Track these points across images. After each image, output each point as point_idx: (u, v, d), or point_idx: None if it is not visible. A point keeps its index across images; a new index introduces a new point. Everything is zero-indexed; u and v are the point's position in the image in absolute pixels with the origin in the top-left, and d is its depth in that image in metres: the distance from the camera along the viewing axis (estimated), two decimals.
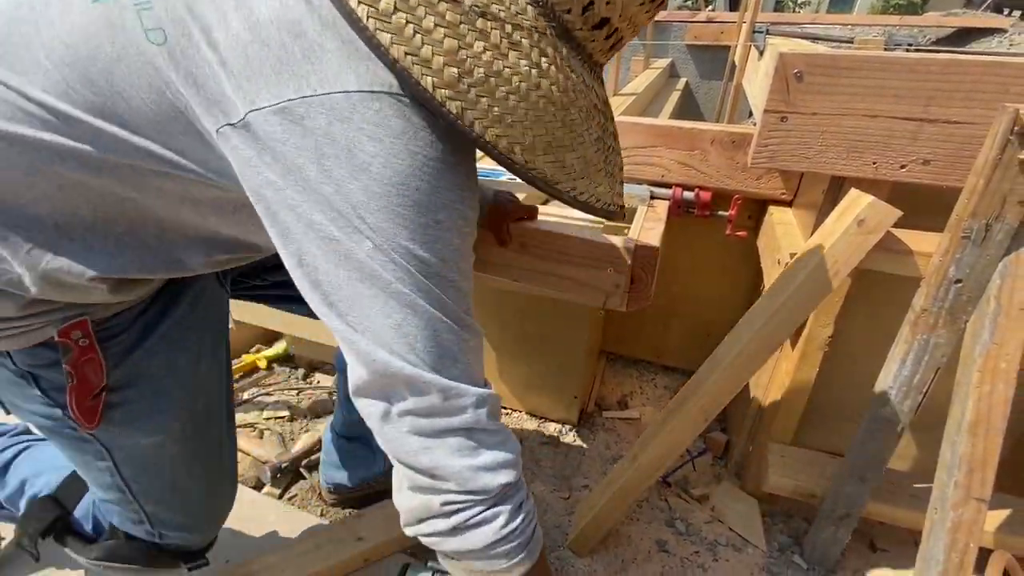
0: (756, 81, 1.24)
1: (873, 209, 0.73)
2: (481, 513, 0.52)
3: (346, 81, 0.44)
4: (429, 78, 0.42)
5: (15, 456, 0.86)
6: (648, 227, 1.11)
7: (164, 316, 0.70)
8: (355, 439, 1.13)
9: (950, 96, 0.72)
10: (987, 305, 0.71)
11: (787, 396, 1.08)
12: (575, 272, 1.04)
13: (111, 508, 0.79)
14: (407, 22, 0.42)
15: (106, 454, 0.71)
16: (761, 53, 1.27)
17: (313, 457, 1.30)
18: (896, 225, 0.83)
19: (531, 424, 1.46)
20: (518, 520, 0.54)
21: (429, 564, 0.87)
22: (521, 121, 0.46)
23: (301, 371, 1.65)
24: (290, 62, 0.44)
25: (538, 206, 1.33)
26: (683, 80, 2.99)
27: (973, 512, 0.70)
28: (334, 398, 1.52)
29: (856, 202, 0.76)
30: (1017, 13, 4.03)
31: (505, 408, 1.50)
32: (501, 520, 0.52)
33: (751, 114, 2.12)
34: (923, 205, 0.84)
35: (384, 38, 0.42)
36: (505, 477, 0.52)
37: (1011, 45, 2.69)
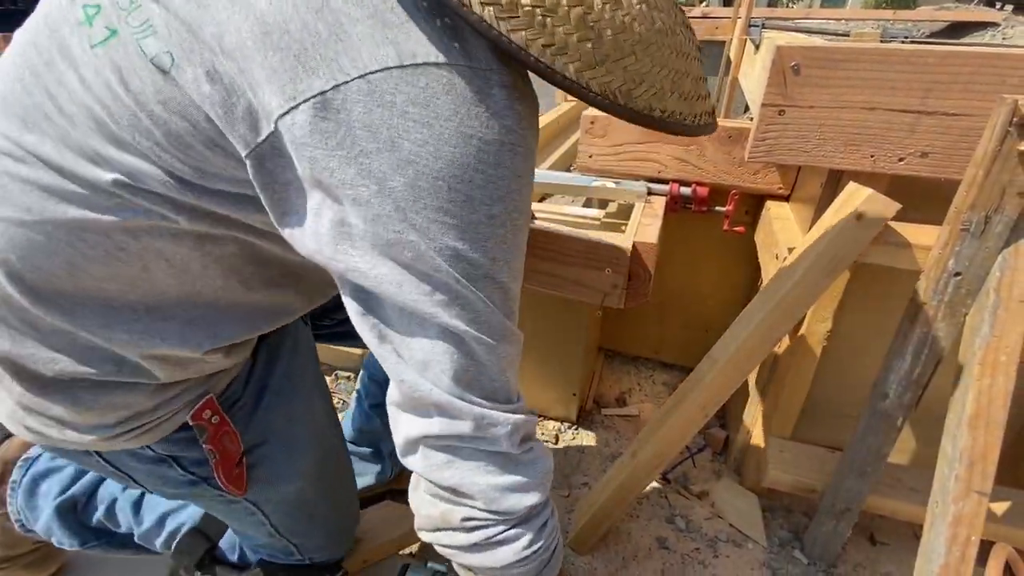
0: (752, 75, 1.24)
1: (872, 202, 0.73)
2: (504, 532, 0.50)
3: (385, 56, 0.38)
4: (571, 64, 0.38)
5: (144, 492, 0.84)
6: (645, 224, 1.10)
7: (271, 372, 0.70)
8: (365, 446, 1.13)
9: (948, 88, 0.71)
10: (987, 298, 0.70)
11: (786, 391, 1.07)
12: (573, 272, 1.03)
13: (261, 548, 0.81)
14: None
15: (254, 508, 0.72)
16: (757, 47, 1.27)
17: None
18: (895, 218, 0.83)
19: None
20: (542, 540, 0.52)
21: (428, 565, 0.87)
22: (651, 70, 0.41)
23: None
24: (316, 44, 0.38)
25: (533, 205, 1.32)
26: None
27: (974, 505, 0.70)
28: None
29: (855, 195, 0.76)
30: (1010, 7, 4.04)
31: None
32: (525, 541, 0.51)
33: (747, 109, 2.12)
34: (922, 198, 0.84)
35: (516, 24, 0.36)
36: (533, 499, 0.50)
37: (1004, 38, 2.70)
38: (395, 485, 1.21)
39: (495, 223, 0.43)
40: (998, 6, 4.29)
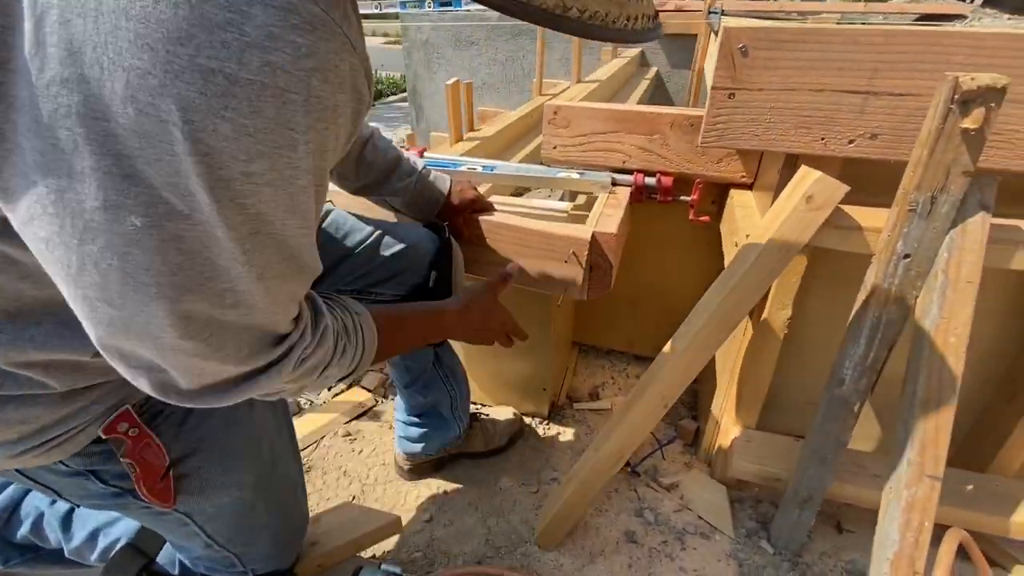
0: (710, 62, 1.22)
1: (820, 185, 0.72)
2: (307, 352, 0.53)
3: None
4: None
5: (74, 506, 0.80)
6: (608, 214, 1.09)
7: None
8: (425, 414, 1.15)
9: (893, 67, 0.70)
10: (935, 279, 0.70)
11: (751, 380, 1.06)
12: (534, 264, 1.01)
13: (199, 560, 0.77)
14: None
15: (187, 519, 0.69)
16: (716, 34, 1.26)
17: None
18: (852, 202, 0.82)
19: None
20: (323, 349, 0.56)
21: (382, 567, 0.84)
22: None
23: None
24: None
25: (493, 199, 1.30)
26: (653, 69, 2.97)
27: (927, 490, 0.69)
28: (298, 401, 1.48)
29: (805, 179, 0.75)
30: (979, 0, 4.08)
31: (475, 403, 1.47)
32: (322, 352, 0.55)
33: None
34: (881, 182, 0.83)
35: None
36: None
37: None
38: (466, 448, 1.25)
39: (255, 181, 0.37)
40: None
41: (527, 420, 1.42)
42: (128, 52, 0.32)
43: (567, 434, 1.39)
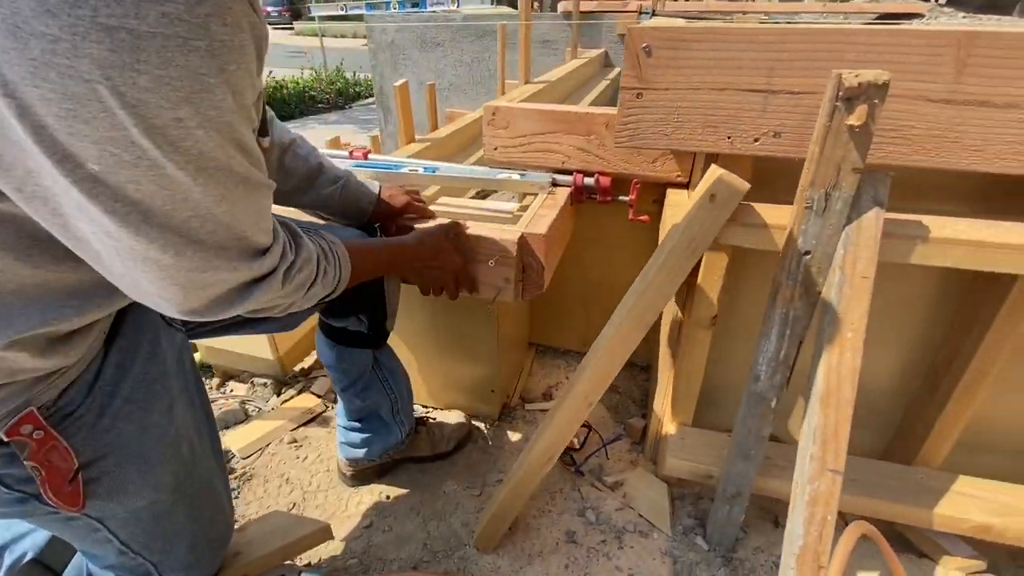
0: None
1: (722, 183, 0.72)
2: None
3: None
4: None
5: None
6: (541, 214, 1.09)
7: (123, 378, 0.65)
8: (365, 419, 1.14)
9: (790, 65, 0.71)
10: (833, 275, 0.70)
11: (683, 377, 1.07)
12: (468, 267, 1.01)
13: (111, 568, 0.75)
14: None
15: (99, 525, 0.67)
16: None
17: None
18: (769, 200, 0.83)
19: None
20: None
21: (303, 574, 0.83)
22: None
23: (216, 380, 1.58)
24: None
25: (442, 200, 1.30)
26: (616, 70, 2.99)
27: (828, 484, 0.70)
28: (246, 406, 1.47)
29: (710, 177, 0.75)
30: None
31: (426, 406, 1.47)
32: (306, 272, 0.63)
33: None
34: (794, 179, 0.84)
35: None
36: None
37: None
38: (411, 452, 1.24)
39: (186, 125, 0.41)
40: None
41: (477, 422, 1.41)
42: (34, 20, 0.34)
43: (516, 435, 1.38)
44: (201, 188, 0.45)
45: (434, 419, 1.33)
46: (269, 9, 21.73)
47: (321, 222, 0.97)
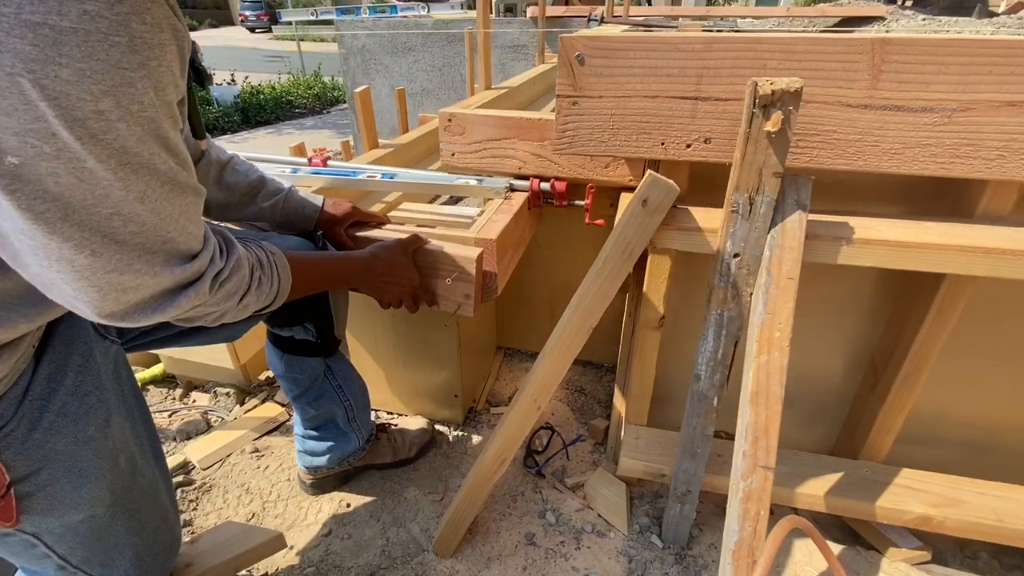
0: None
1: (653, 188, 0.74)
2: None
3: None
4: None
5: None
6: (495, 220, 1.10)
7: (54, 392, 0.64)
8: (322, 427, 1.14)
9: (716, 73, 0.73)
10: (761, 277, 0.72)
11: (634, 378, 1.09)
12: (425, 280, 1.00)
13: None
14: None
15: (35, 540, 0.66)
16: None
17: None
18: (711, 204, 0.84)
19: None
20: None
21: None
22: None
23: (179, 391, 1.56)
24: None
25: (404, 206, 1.30)
26: None
27: (761, 480, 0.71)
28: (208, 416, 1.45)
29: (643, 182, 0.77)
30: (909, 1, 4.27)
31: (391, 412, 1.47)
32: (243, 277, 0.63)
33: None
34: None
35: None
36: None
37: (888, 31, 2.85)
38: (373, 460, 1.24)
39: (107, 118, 0.42)
40: (899, 1, 4.52)
41: (442, 428, 1.42)
42: None
43: (480, 439, 1.39)
44: (122, 184, 0.45)
45: (396, 425, 1.33)
46: (247, 14, 21.55)
47: (263, 233, 0.96)
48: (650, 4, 4.79)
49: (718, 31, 1.76)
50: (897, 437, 1.02)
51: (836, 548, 1.07)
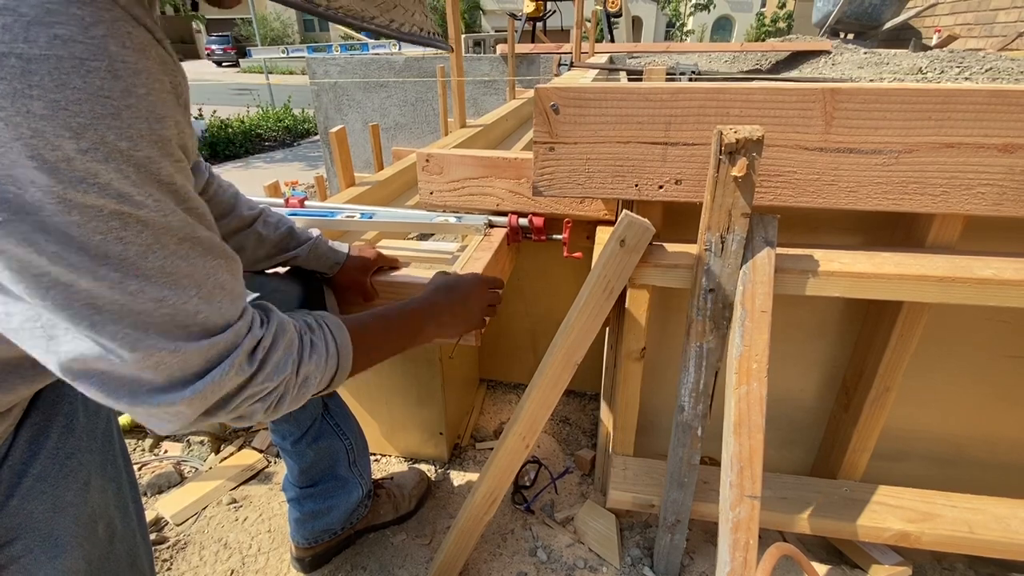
0: None
1: (630, 228, 0.77)
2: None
3: None
4: None
5: None
6: (476, 257, 1.12)
7: (35, 455, 0.60)
8: (320, 480, 1.04)
9: (683, 120, 0.77)
10: (736, 311, 0.76)
11: (619, 409, 1.10)
12: None
13: None
14: None
15: None
16: None
17: None
18: (686, 240, 0.88)
19: (401, 467, 1.40)
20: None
21: None
22: None
23: (149, 441, 1.50)
24: None
25: (381, 243, 1.31)
26: None
27: (748, 510, 0.73)
28: (181, 467, 1.39)
29: (620, 223, 0.80)
30: (851, 35, 4.58)
31: (375, 453, 1.44)
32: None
33: None
34: None
35: None
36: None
37: (834, 64, 3.08)
38: (375, 520, 1.17)
39: (93, 157, 0.36)
40: (841, 36, 4.83)
41: (427, 466, 1.39)
42: None
43: (467, 477, 1.37)
44: (116, 238, 0.39)
45: (390, 478, 1.28)
46: (214, 47, 21.55)
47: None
48: (612, 41, 5.01)
49: (680, 74, 1.86)
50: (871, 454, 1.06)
51: (822, 569, 1.09)
